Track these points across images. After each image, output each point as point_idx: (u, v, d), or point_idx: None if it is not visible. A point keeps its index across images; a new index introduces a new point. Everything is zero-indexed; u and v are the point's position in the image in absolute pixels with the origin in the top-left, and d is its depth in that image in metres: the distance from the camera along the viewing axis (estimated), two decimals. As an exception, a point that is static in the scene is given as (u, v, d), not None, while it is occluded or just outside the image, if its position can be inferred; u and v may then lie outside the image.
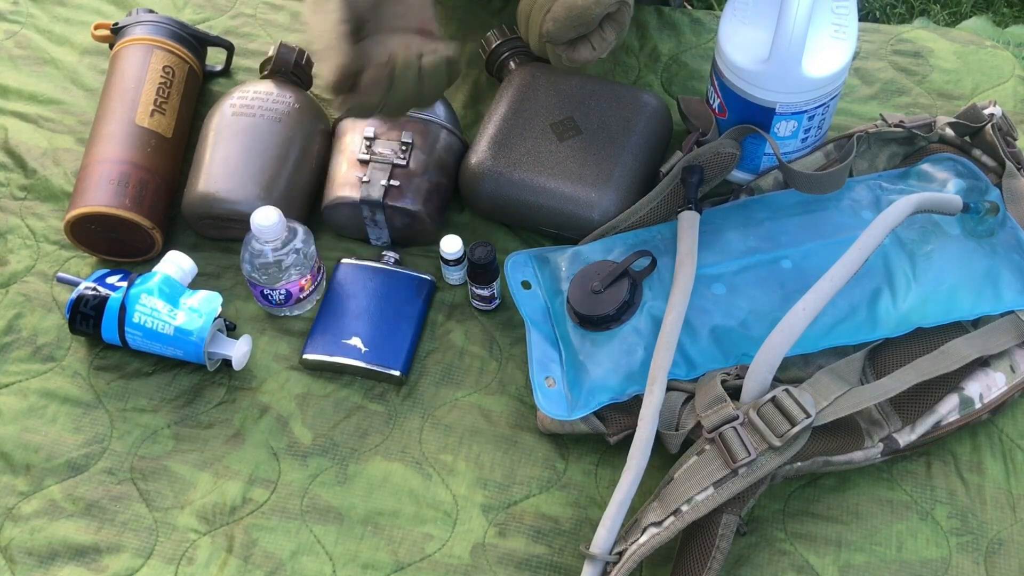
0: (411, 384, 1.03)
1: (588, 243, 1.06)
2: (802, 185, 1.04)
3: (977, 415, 0.96)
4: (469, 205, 1.12)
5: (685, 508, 0.86)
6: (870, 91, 1.23)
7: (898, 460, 0.97)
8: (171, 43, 1.17)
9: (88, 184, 1.06)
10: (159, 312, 1.00)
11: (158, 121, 1.11)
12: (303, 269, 1.03)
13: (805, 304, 0.89)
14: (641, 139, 1.09)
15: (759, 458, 0.86)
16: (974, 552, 0.93)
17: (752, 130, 1.07)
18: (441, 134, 1.10)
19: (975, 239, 1.01)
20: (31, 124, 1.21)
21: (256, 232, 0.98)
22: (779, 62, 1.00)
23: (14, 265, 1.11)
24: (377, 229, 1.09)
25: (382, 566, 0.93)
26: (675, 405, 0.94)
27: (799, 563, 0.92)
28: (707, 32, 1.29)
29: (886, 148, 1.10)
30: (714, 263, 1.01)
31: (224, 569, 0.93)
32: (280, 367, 1.04)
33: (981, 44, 1.27)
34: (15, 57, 1.27)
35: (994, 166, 1.07)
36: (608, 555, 0.87)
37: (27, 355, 1.05)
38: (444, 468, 0.98)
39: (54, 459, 0.99)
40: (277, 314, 1.07)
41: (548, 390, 0.97)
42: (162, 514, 0.96)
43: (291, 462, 0.98)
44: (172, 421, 1.01)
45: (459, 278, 1.08)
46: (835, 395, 0.90)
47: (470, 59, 1.26)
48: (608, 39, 1.06)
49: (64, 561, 0.93)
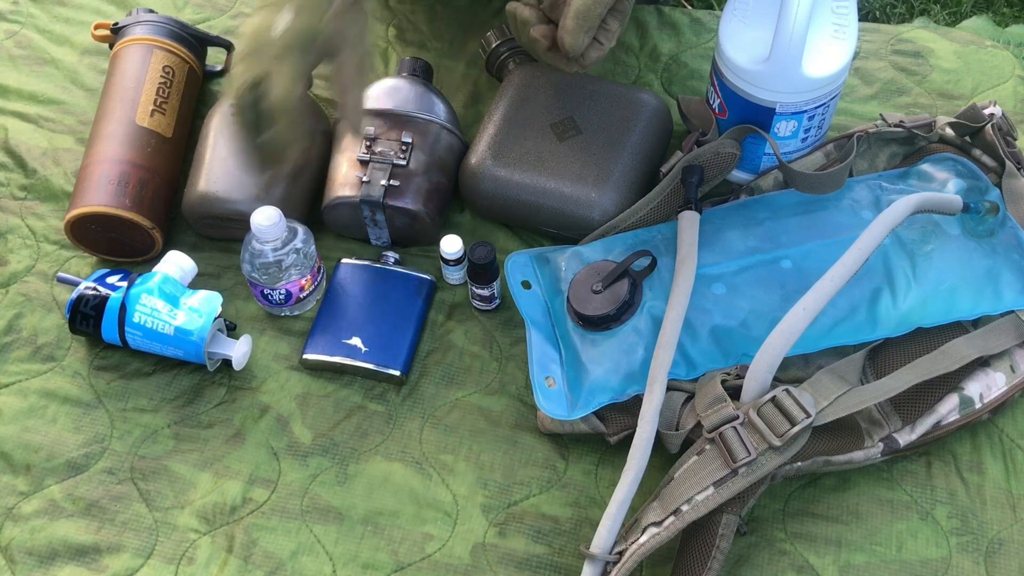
0: (411, 384, 1.03)
1: (588, 243, 1.06)
2: (802, 185, 1.04)
3: (977, 415, 0.96)
4: (469, 205, 1.12)
5: (685, 508, 0.86)
6: (870, 91, 1.23)
7: (898, 460, 0.97)
8: (171, 43, 1.16)
9: (88, 184, 1.06)
10: (159, 312, 1.00)
11: (158, 121, 1.11)
12: (303, 269, 1.03)
13: (805, 304, 0.89)
14: (641, 139, 1.09)
15: (759, 458, 0.86)
16: (974, 552, 0.93)
17: (752, 130, 1.07)
18: (441, 134, 1.10)
19: (975, 239, 1.01)
20: (31, 124, 1.21)
21: (256, 232, 0.98)
22: (779, 62, 1.00)
23: (14, 265, 1.11)
24: (377, 229, 1.09)
25: (382, 566, 0.93)
26: (675, 405, 0.94)
27: (799, 563, 0.92)
28: (707, 32, 1.29)
29: (886, 148, 1.10)
30: (714, 263, 1.01)
31: (224, 569, 0.93)
32: (280, 367, 1.04)
33: (981, 44, 1.27)
34: (15, 57, 1.27)
35: (994, 166, 1.07)
36: (608, 555, 0.87)
37: (27, 355, 1.05)
38: (444, 468, 0.98)
39: (54, 459, 0.99)
40: (277, 314, 1.07)
41: (548, 390, 0.97)
42: (162, 514, 0.96)
43: (291, 462, 0.98)
44: (172, 421, 1.01)
45: (459, 278, 1.08)
46: (835, 395, 0.90)
47: (470, 59, 1.26)
48: (612, 29, 1.04)
49: (64, 561, 0.93)
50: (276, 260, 1.00)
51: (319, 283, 1.07)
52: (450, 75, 1.25)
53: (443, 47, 1.27)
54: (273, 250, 1.00)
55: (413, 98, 1.11)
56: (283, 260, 1.01)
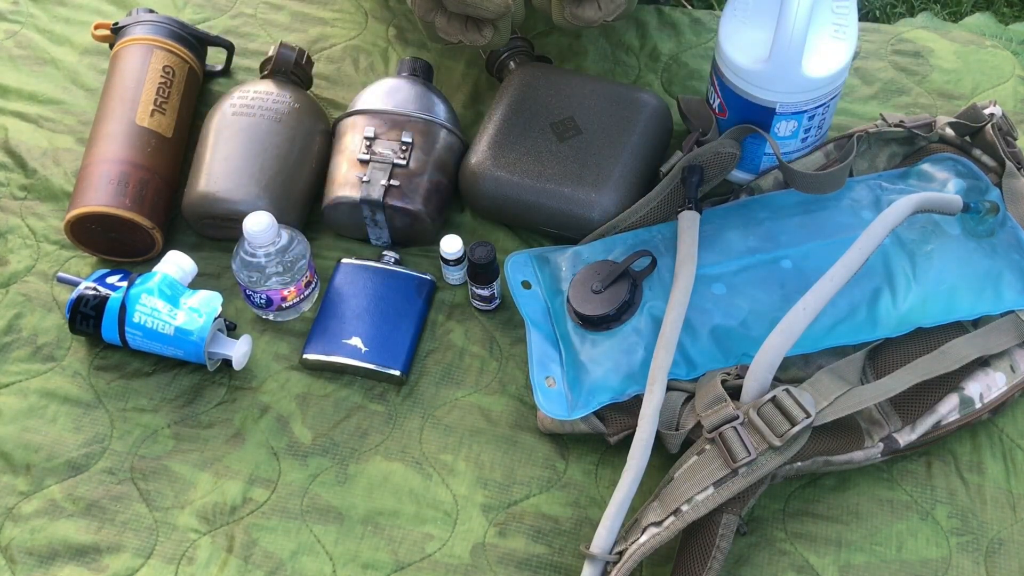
0: (411, 384, 1.03)
1: (588, 243, 1.06)
2: (802, 185, 1.04)
3: (977, 415, 0.96)
4: (469, 205, 1.12)
5: (685, 508, 0.86)
6: (870, 91, 1.23)
7: (898, 460, 0.97)
8: (171, 43, 1.16)
9: (88, 184, 1.06)
10: (159, 312, 1.00)
11: (158, 121, 1.11)
12: (286, 280, 1.02)
13: (805, 304, 0.90)
14: (641, 139, 1.09)
15: (759, 458, 0.86)
16: (974, 552, 0.93)
17: (752, 130, 1.07)
18: (441, 134, 1.10)
19: (975, 239, 1.01)
20: (31, 124, 1.21)
21: (247, 236, 0.98)
22: (779, 62, 1.00)
23: (14, 265, 1.11)
24: (377, 229, 1.09)
25: (382, 566, 0.93)
26: (675, 405, 0.94)
27: (799, 563, 0.92)
28: (707, 32, 1.29)
29: (886, 148, 1.10)
30: (714, 263, 1.01)
31: (224, 569, 0.93)
32: (280, 367, 1.04)
33: (981, 44, 1.27)
34: (15, 57, 1.27)
35: (994, 166, 1.07)
36: (608, 555, 0.87)
37: (27, 355, 1.05)
38: (444, 468, 0.98)
39: (54, 459, 0.99)
40: (261, 316, 1.07)
41: (548, 390, 0.97)
42: (162, 514, 0.96)
43: (291, 462, 0.98)
44: (172, 421, 1.01)
45: (459, 278, 1.08)
46: (835, 395, 0.90)
47: (470, 59, 1.26)
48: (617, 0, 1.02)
49: (64, 561, 0.93)
50: (261, 265, 1.00)
51: (307, 295, 1.06)
52: (450, 75, 1.25)
53: (443, 47, 1.27)
54: (265, 255, 1.00)
55: (413, 98, 1.11)
56: (267, 268, 1.00)
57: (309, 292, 1.06)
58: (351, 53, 1.27)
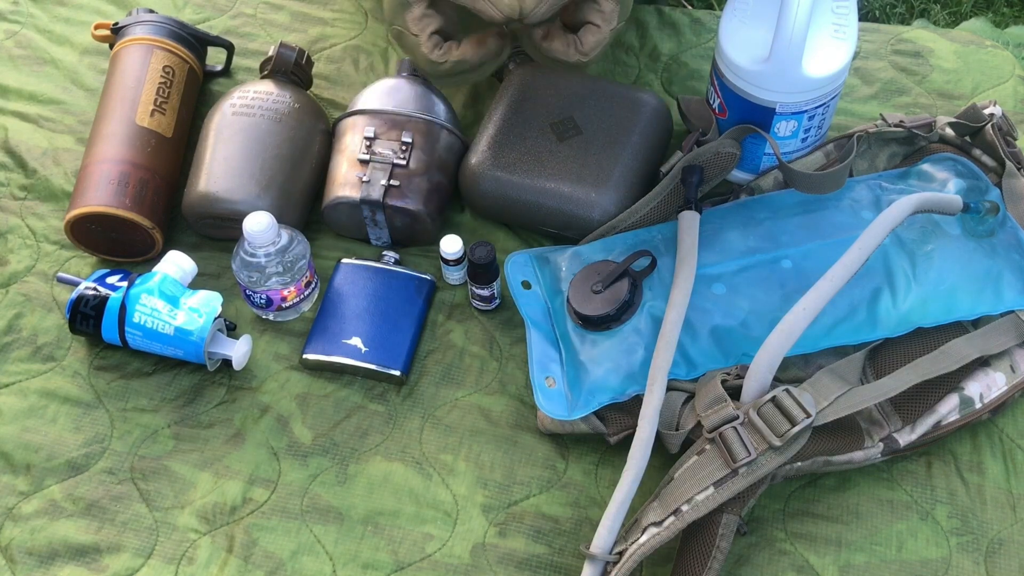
0: (411, 384, 1.03)
1: (588, 243, 1.06)
2: (802, 185, 1.04)
3: (977, 415, 0.96)
4: (469, 205, 1.12)
5: (685, 508, 0.86)
6: (870, 91, 1.23)
7: (898, 460, 0.97)
8: (171, 43, 1.17)
9: (88, 184, 1.06)
10: (159, 312, 1.00)
11: (158, 121, 1.11)
12: (286, 281, 1.02)
13: (805, 304, 0.89)
14: (641, 139, 1.09)
15: (759, 458, 0.86)
16: (974, 552, 0.93)
17: (752, 130, 1.07)
18: (441, 134, 1.10)
19: (975, 239, 1.01)
20: (31, 124, 1.21)
21: (247, 237, 0.98)
22: (779, 62, 1.00)
23: (14, 265, 1.11)
24: (377, 229, 1.09)
25: (382, 566, 0.93)
26: (675, 405, 0.94)
27: (799, 563, 0.92)
28: (707, 32, 1.29)
29: (886, 148, 1.10)
30: (714, 263, 1.01)
31: (224, 569, 0.93)
32: (280, 367, 1.04)
33: (981, 44, 1.27)
34: (15, 57, 1.27)
35: (994, 166, 1.07)
36: (608, 555, 0.87)
37: (27, 355, 1.05)
38: (444, 468, 0.98)
39: (54, 459, 0.99)
40: (261, 316, 1.07)
41: (548, 390, 0.97)
42: (162, 514, 0.96)
43: (291, 462, 0.98)
44: (172, 421, 1.01)
45: (459, 278, 1.08)
46: (835, 395, 0.90)
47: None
48: (607, 11, 1.01)
49: (64, 561, 0.93)
50: (261, 265, 1.00)
51: (307, 295, 1.06)
52: (450, 75, 1.25)
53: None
54: (265, 255, 1.00)
55: (413, 98, 1.11)
56: (267, 268, 1.00)
57: (309, 292, 1.06)
58: (351, 53, 1.27)
